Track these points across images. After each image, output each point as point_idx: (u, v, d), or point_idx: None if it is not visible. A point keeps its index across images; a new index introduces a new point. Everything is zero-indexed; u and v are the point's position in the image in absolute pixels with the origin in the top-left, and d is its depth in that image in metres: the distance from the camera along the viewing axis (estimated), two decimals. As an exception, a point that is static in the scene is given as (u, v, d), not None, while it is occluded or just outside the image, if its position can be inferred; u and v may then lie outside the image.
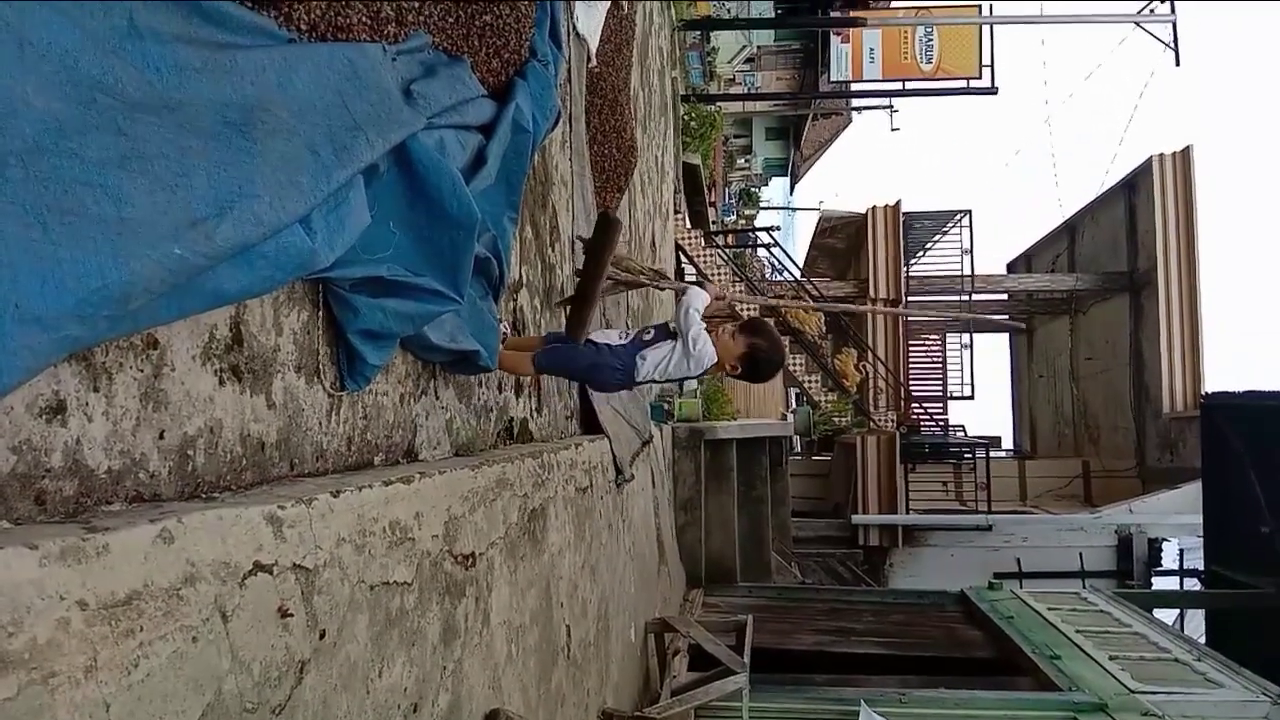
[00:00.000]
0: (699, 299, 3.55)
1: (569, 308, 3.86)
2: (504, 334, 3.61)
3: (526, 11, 3.42)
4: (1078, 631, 8.38)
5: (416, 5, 2.59)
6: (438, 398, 3.16)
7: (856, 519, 15.83)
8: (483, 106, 2.92)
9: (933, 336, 23.36)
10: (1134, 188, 18.29)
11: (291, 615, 1.68)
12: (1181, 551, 15.23)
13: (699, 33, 19.20)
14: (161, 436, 1.66)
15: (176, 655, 1.34)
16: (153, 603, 1.30)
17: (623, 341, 3.57)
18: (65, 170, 1.26)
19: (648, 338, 3.55)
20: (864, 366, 16.95)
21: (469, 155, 2.74)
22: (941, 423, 20.95)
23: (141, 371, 1.61)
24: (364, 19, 2.28)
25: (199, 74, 1.61)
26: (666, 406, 10.95)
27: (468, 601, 2.73)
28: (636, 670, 6.60)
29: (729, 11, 23.81)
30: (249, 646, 1.53)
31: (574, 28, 5.16)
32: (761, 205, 38.45)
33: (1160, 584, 14.95)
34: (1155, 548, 15.27)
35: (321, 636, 1.78)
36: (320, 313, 2.28)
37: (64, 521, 1.37)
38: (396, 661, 2.15)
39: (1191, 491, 13.63)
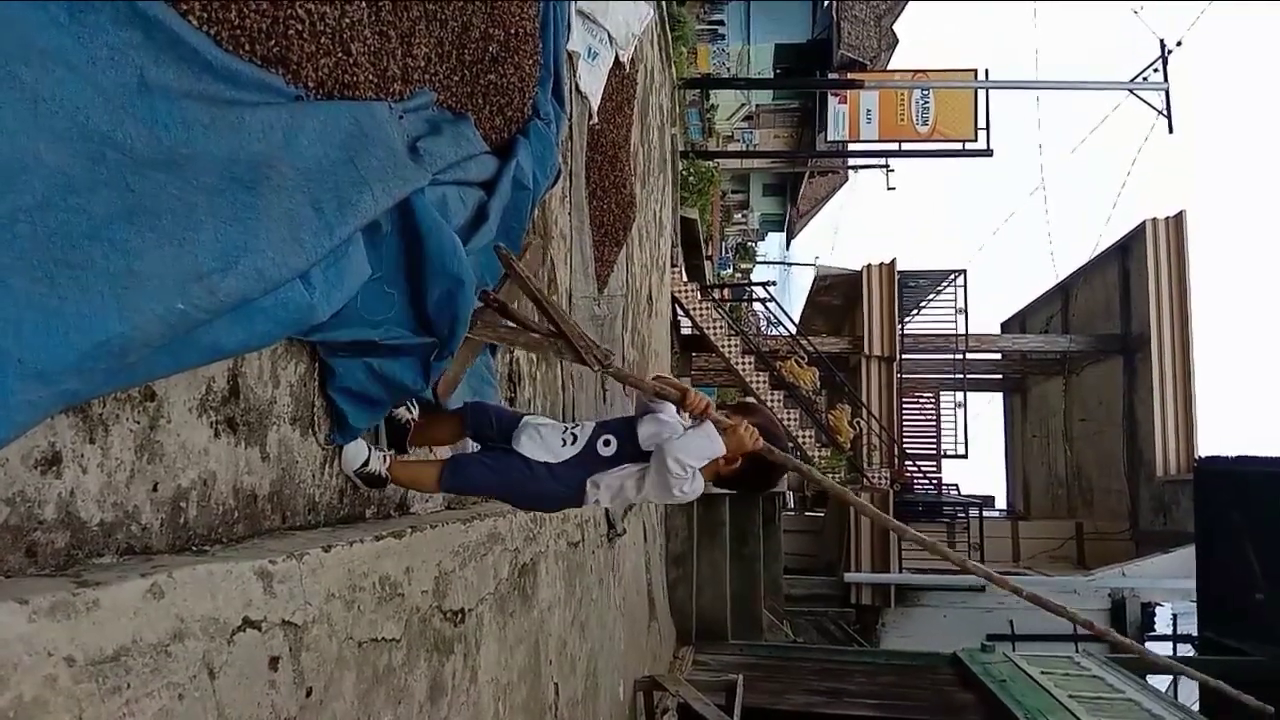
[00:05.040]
0: (699, 449, 2.42)
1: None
2: (410, 420, 2.79)
3: (530, 71, 3.48)
4: (1070, 696, 8.29)
5: (422, 64, 2.63)
6: (431, 450, 3.15)
7: (849, 577, 15.71)
8: (485, 163, 2.95)
9: (927, 395, 23.41)
10: (1127, 251, 18.43)
11: (279, 672, 1.66)
12: (1175, 616, 15.12)
13: (699, 91, 19.45)
14: (155, 489, 1.66)
15: (163, 713, 1.33)
16: (141, 659, 1.29)
17: (569, 453, 2.52)
18: (73, 225, 1.27)
19: (606, 452, 2.52)
20: (857, 423, 16.92)
21: (470, 211, 2.77)
22: (935, 481, 20.90)
23: (138, 424, 1.61)
24: (370, 77, 2.31)
25: (207, 130, 1.64)
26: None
27: (456, 658, 2.70)
28: (624, 729, 6.50)
29: (729, 70, 24.15)
30: (235, 704, 1.52)
31: (576, 86, 5.24)
32: (758, 260, 38.67)
33: (1153, 649, 14.83)
34: (1148, 612, 15.17)
35: (308, 694, 1.76)
36: (317, 365, 2.29)
37: (54, 575, 1.36)
38: (383, 720, 2.13)
39: (1185, 555, 13.56)
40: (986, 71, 17.25)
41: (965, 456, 22.31)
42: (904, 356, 18.58)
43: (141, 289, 1.34)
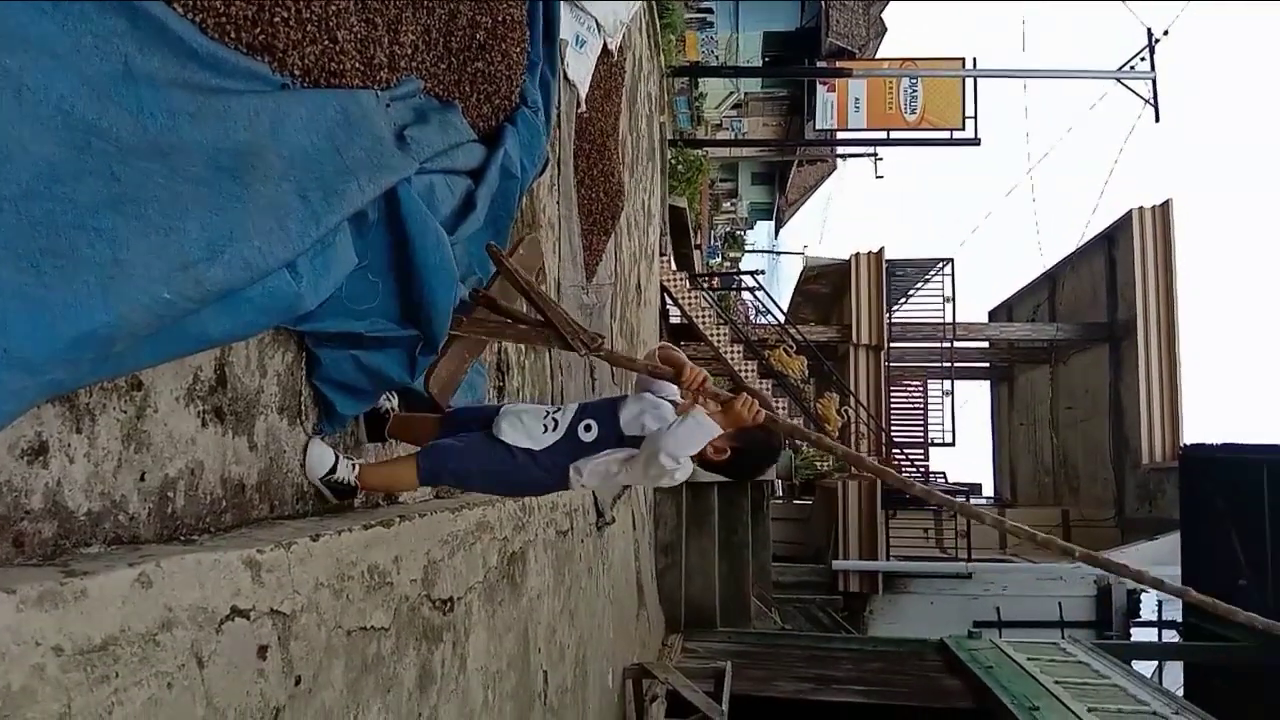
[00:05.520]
0: (692, 436, 2.35)
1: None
2: (389, 410, 2.71)
3: (518, 58, 3.46)
4: (1056, 682, 8.35)
5: (409, 52, 2.62)
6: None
7: (837, 564, 15.76)
8: (473, 151, 2.94)
9: (914, 383, 23.46)
10: (1114, 240, 18.48)
11: (268, 661, 1.66)
12: (1160, 603, 15.22)
13: (687, 79, 19.41)
14: (142, 478, 1.66)
15: (151, 702, 1.33)
16: (129, 648, 1.29)
17: (550, 439, 2.47)
18: (58, 215, 1.27)
19: (587, 437, 2.46)
20: (845, 411, 16.96)
21: (458, 200, 2.76)
22: (923, 469, 20.97)
23: (125, 413, 1.60)
24: (357, 65, 2.30)
25: (193, 119, 1.63)
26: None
27: (445, 647, 2.71)
28: (614, 717, 6.53)
29: (717, 58, 24.09)
30: (224, 693, 1.52)
31: (564, 74, 5.22)
32: (746, 248, 38.64)
33: (1139, 636, 14.91)
34: (1134, 599, 15.25)
35: (297, 683, 1.77)
36: (304, 354, 2.29)
37: (42, 564, 1.36)
38: (372, 708, 2.13)
39: (1170, 542, 13.64)
40: (974, 60, 17.25)
41: (953, 445, 22.37)
42: (892, 345, 18.61)
43: (127, 278, 1.34)
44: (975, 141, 17.38)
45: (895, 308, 20.33)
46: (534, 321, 2.62)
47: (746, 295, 21.92)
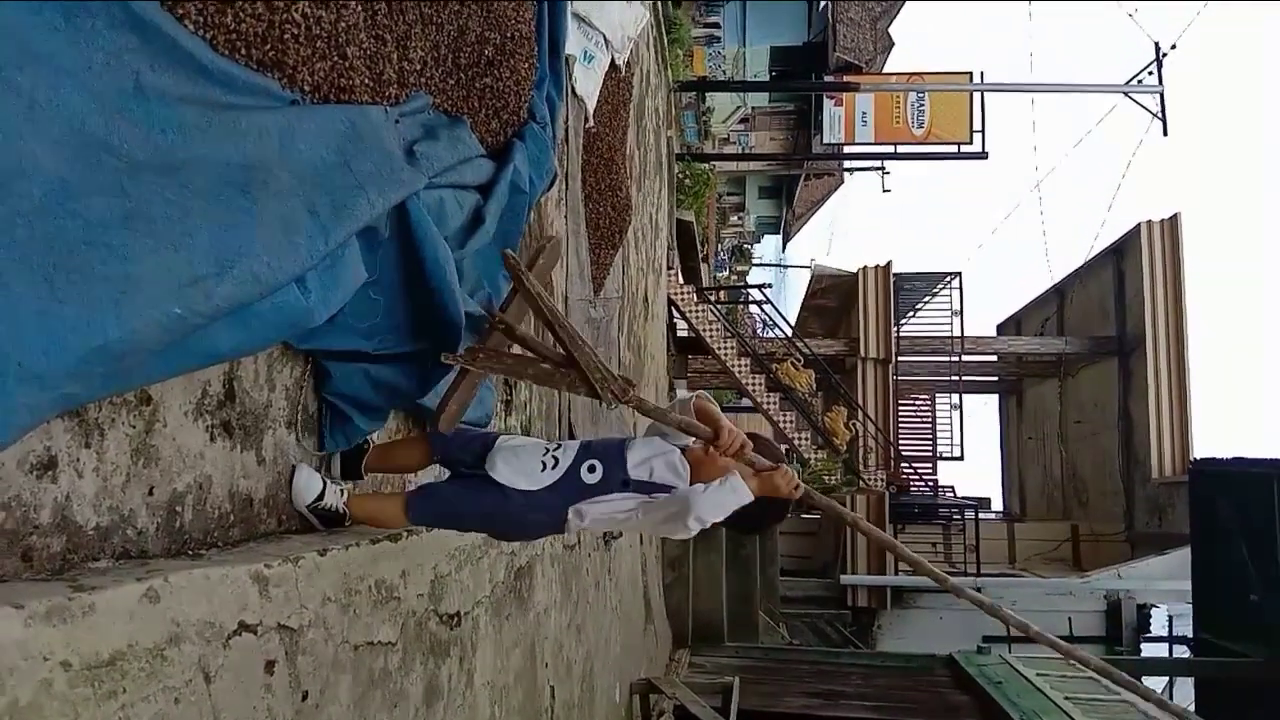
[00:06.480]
0: (726, 502, 2.22)
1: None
2: (369, 442, 2.54)
3: (526, 74, 3.48)
4: (1066, 698, 8.30)
5: (418, 68, 2.64)
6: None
7: (845, 579, 15.69)
8: (481, 167, 2.95)
9: (922, 397, 23.41)
10: (1122, 253, 18.45)
11: (275, 676, 1.66)
12: (1170, 618, 15.12)
13: (695, 93, 19.46)
14: (151, 493, 1.66)
15: (158, 717, 1.33)
16: (136, 663, 1.29)
17: (549, 479, 2.32)
18: (70, 230, 1.28)
19: (590, 479, 2.32)
20: (853, 425, 16.92)
21: (467, 215, 2.77)
22: (931, 483, 20.89)
23: (134, 428, 1.61)
24: (366, 81, 2.31)
25: (203, 134, 1.64)
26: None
27: (452, 662, 2.71)
28: (620, 731, 6.50)
29: (725, 73, 24.17)
30: (231, 708, 1.52)
31: (572, 89, 5.24)
32: (754, 262, 38.65)
33: (1149, 651, 14.81)
34: (1144, 614, 15.15)
35: (304, 698, 1.76)
36: (311, 369, 2.29)
37: (50, 579, 1.36)
38: (379, 723, 2.13)
39: (1180, 557, 13.57)
40: (982, 74, 17.26)
41: (961, 458, 22.31)
42: (900, 359, 18.60)
43: (138, 293, 1.34)
44: (983, 155, 17.37)
45: (903, 321, 20.31)
46: (555, 358, 2.37)
47: (754, 308, 21.91)
